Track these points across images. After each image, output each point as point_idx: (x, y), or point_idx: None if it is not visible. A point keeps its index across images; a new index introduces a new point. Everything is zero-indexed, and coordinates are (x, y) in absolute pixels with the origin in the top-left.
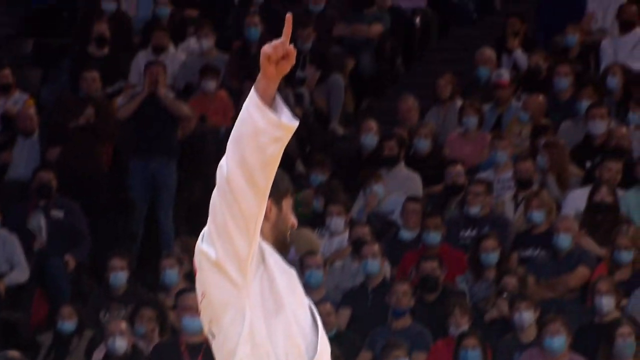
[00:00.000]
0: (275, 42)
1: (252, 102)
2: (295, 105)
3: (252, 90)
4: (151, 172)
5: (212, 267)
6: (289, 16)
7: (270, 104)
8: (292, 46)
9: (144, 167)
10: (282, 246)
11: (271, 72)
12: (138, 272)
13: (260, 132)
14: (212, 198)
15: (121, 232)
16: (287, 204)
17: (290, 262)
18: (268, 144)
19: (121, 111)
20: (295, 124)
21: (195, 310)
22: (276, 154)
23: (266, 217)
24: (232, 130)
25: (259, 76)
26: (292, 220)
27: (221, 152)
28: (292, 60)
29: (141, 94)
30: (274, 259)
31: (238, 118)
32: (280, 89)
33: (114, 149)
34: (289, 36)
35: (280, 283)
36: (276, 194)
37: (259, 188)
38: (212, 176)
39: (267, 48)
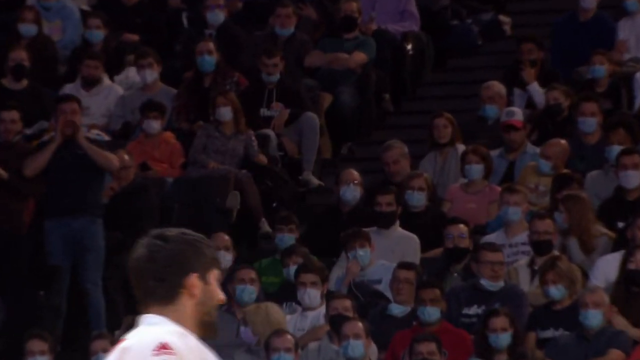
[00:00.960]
0: None
1: None
2: (260, 150)
3: None
4: (72, 233)
5: None
6: None
7: None
8: None
9: (63, 228)
10: (209, 328)
11: None
12: (63, 356)
13: None
14: None
15: (42, 306)
16: (214, 276)
17: (251, 344)
18: None
19: (28, 168)
20: None
21: None
22: None
23: (190, 294)
24: None
25: None
26: (220, 295)
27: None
28: None
29: (52, 144)
30: None
31: None
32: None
33: (35, 206)
34: None
35: None
36: (201, 267)
37: None
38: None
39: None
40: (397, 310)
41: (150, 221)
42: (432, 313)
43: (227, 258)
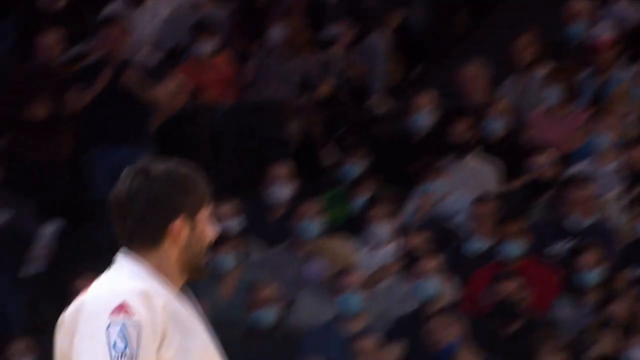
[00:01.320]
0: None
1: None
2: (322, 74)
3: None
4: (118, 165)
5: None
6: None
7: None
8: None
9: (108, 158)
10: (197, 271)
11: None
12: None
13: None
14: None
15: (86, 241)
16: (203, 215)
17: (318, 280)
18: None
19: (69, 103)
20: None
21: None
22: None
23: (174, 240)
24: None
25: None
26: (210, 233)
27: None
28: None
29: (95, 88)
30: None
31: None
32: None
33: (76, 134)
34: None
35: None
36: (189, 207)
37: None
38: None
39: None
40: (476, 246)
41: (202, 151)
42: (514, 248)
43: (286, 190)
